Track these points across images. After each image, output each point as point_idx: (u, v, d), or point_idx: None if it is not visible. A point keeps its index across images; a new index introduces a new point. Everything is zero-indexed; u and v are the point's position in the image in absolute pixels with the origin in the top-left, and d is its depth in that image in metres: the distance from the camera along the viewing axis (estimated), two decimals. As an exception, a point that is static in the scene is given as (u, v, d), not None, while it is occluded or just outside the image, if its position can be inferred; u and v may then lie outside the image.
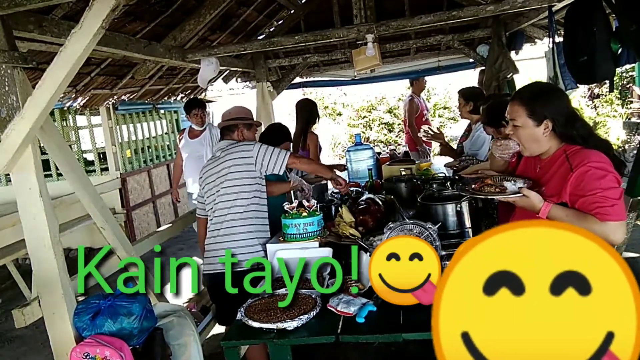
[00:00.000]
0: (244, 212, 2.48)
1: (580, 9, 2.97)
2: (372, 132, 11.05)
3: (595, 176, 1.58)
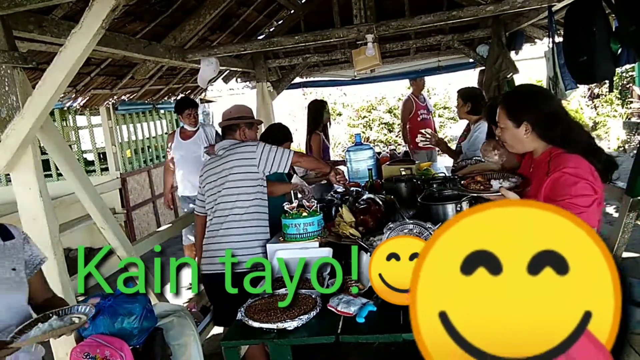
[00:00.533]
0: (244, 214, 2.48)
1: (580, 9, 2.97)
2: (372, 132, 11.06)
3: (567, 182, 1.60)
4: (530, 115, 1.73)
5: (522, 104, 1.77)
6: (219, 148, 2.66)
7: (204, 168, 2.68)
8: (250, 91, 6.16)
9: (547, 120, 1.71)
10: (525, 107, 1.75)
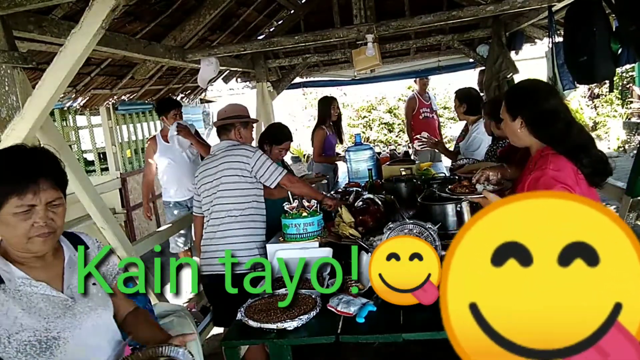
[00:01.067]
0: (240, 216, 2.49)
1: (580, 9, 2.97)
2: (372, 132, 11.06)
3: (545, 183, 1.60)
4: (525, 111, 1.74)
5: (520, 99, 1.79)
6: (217, 149, 2.66)
7: (199, 169, 2.68)
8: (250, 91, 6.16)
9: (542, 117, 1.72)
10: (521, 102, 1.77)
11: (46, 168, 1.22)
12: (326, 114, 4.59)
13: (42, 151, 1.27)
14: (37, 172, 1.19)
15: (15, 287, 1.19)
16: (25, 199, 1.15)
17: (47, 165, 1.24)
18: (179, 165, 3.98)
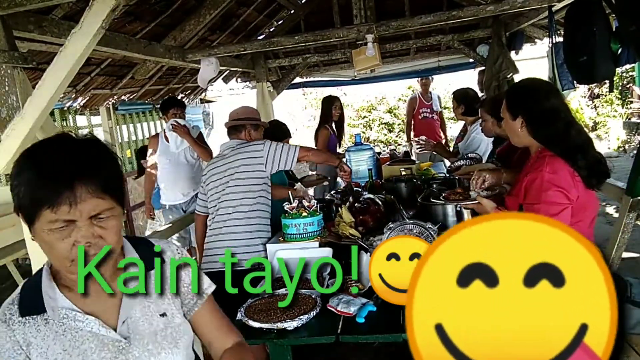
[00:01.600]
0: (248, 212, 2.49)
1: (580, 9, 2.97)
2: (372, 132, 11.06)
3: (542, 187, 1.61)
4: (526, 110, 1.73)
5: (520, 98, 1.78)
6: (226, 147, 2.66)
7: (208, 167, 2.69)
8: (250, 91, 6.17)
9: (542, 117, 1.71)
10: (522, 101, 1.76)
11: (87, 168, 0.88)
12: (328, 113, 4.64)
13: (86, 143, 0.92)
14: (72, 174, 0.85)
15: (59, 319, 0.93)
16: (59, 212, 0.84)
17: (89, 164, 0.89)
18: (174, 167, 3.87)
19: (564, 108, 1.73)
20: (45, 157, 0.88)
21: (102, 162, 0.92)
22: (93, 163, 0.90)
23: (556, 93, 1.78)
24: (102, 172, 0.90)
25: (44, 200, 0.84)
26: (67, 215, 0.85)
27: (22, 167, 0.87)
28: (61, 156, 0.87)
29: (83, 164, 0.88)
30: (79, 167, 0.87)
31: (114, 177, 0.92)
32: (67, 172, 0.85)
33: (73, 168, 0.86)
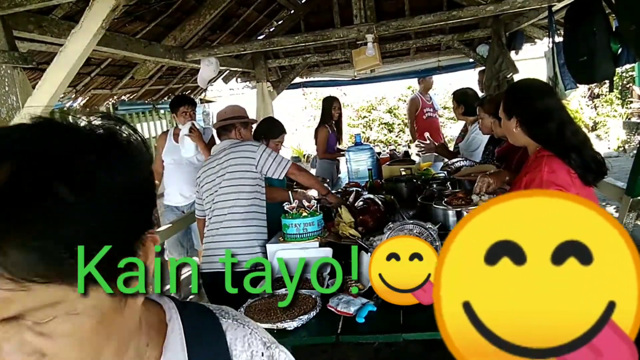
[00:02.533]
0: (244, 213, 2.48)
1: (580, 9, 2.97)
2: (372, 132, 11.06)
3: (540, 186, 1.62)
4: (520, 110, 1.76)
5: (515, 98, 1.81)
6: (218, 149, 2.66)
7: (201, 169, 2.68)
8: (250, 91, 6.17)
9: (535, 117, 1.73)
10: (517, 102, 1.79)
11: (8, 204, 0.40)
12: (328, 113, 4.77)
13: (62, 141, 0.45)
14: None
15: None
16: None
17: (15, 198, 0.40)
18: (179, 168, 3.81)
19: (558, 108, 1.75)
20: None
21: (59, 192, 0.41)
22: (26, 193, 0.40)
23: (551, 93, 1.80)
24: (42, 220, 0.40)
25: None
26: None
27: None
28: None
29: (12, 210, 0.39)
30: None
31: (89, 228, 0.43)
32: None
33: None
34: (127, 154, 0.48)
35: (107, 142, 0.47)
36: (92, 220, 0.43)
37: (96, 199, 0.43)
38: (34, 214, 0.40)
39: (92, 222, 0.43)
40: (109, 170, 0.45)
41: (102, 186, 0.44)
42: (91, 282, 0.43)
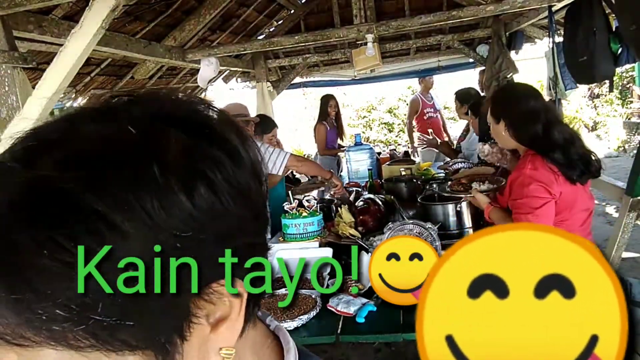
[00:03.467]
0: None
1: (580, 9, 2.97)
2: (372, 132, 11.06)
3: (523, 183, 1.68)
4: (507, 114, 1.80)
5: (501, 102, 1.87)
6: None
7: None
8: (250, 91, 6.17)
9: (521, 119, 1.77)
10: (503, 105, 1.84)
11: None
12: (324, 110, 4.91)
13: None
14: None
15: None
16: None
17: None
18: None
19: (544, 109, 1.79)
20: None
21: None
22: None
23: (536, 96, 1.84)
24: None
25: None
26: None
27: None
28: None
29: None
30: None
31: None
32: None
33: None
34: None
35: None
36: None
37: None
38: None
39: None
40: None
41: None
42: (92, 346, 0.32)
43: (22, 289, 0.30)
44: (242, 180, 0.37)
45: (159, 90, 0.42)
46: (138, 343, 0.33)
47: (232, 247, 0.38)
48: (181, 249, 0.34)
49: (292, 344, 0.50)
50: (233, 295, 0.39)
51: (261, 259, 0.40)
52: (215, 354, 0.38)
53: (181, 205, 0.33)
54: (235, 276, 0.38)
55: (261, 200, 0.41)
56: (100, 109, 0.37)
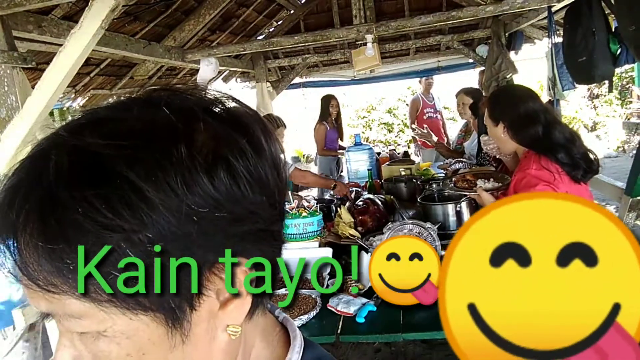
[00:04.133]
0: None
1: (579, 9, 2.97)
2: (372, 132, 11.06)
3: (529, 183, 1.67)
4: (506, 116, 1.79)
5: (500, 105, 1.85)
6: None
7: None
8: (250, 91, 6.17)
9: (521, 121, 1.76)
10: (501, 108, 1.83)
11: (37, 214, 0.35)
12: (325, 111, 4.88)
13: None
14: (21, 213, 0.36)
15: None
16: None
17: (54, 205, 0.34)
18: None
19: (543, 110, 1.78)
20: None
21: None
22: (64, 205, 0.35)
23: (534, 97, 1.84)
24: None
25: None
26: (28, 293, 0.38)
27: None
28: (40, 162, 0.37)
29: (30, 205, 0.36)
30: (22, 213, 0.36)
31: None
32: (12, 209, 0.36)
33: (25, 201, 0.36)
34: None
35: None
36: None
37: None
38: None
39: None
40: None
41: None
42: (118, 304, 0.37)
43: (57, 240, 0.34)
44: (261, 170, 0.41)
45: (197, 84, 0.51)
46: (151, 305, 0.37)
47: (246, 229, 0.41)
48: (198, 223, 0.37)
49: (298, 333, 0.56)
50: (242, 272, 0.43)
51: (262, 259, 0.43)
52: (222, 330, 0.42)
53: (202, 184, 0.37)
54: (246, 256, 0.42)
55: (278, 190, 0.43)
56: (144, 98, 0.42)
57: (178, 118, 0.38)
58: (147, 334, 0.38)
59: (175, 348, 0.39)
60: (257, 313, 0.47)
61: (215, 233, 0.39)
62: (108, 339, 0.37)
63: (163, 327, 0.38)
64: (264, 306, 0.50)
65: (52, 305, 0.37)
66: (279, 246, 0.46)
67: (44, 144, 0.40)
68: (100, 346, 0.38)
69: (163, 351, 0.39)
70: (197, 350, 0.40)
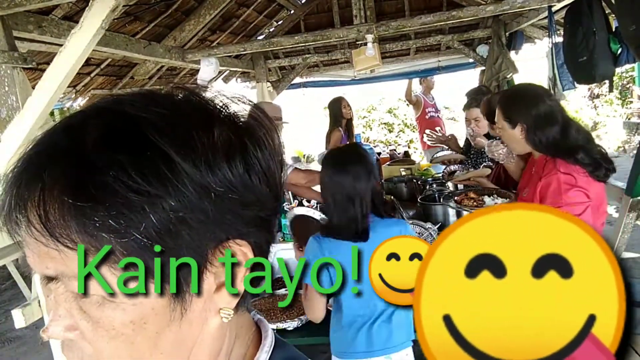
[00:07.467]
0: None
1: (580, 9, 2.97)
2: (372, 132, 11.06)
3: (560, 189, 1.58)
4: (526, 117, 1.71)
5: (517, 105, 1.75)
6: None
7: None
8: (250, 91, 6.18)
9: (540, 121, 1.69)
10: (520, 108, 1.73)
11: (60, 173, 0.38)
12: (338, 114, 4.48)
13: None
14: (35, 170, 0.39)
15: None
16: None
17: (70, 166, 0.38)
18: None
19: (560, 109, 1.72)
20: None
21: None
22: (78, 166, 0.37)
23: (549, 95, 1.76)
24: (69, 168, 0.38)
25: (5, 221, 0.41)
26: (32, 262, 0.41)
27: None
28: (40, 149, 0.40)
29: (53, 163, 0.38)
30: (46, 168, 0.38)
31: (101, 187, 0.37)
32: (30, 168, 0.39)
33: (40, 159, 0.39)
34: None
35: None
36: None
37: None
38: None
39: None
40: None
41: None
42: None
43: (86, 198, 0.36)
44: (271, 164, 0.45)
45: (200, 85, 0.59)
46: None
47: (252, 215, 0.44)
48: (214, 200, 0.41)
49: (270, 333, 0.56)
50: (242, 254, 0.47)
51: (262, 259, 0.48)
52: (215, 313, 0.45)
53: (222, 167, 0.41)
54: (246, 238, 0.46)
55: (280, 186, 0.48)
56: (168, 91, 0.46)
57: (207, 104, 0.44)
58: (152, 302, 0.40)
59: (173, 322, 0.41)
60: (241, 309, 0.49)
61: (227, 212, 0.42)
62: (114, 304, 0.40)
63: (167, 297, 0.41)
64: (247, 304, 0.52)
65: (61, 266, 0.39)
66: (271, 239, 0.50)
67: (77, 114, 0.42)
68: (105, 312, 0.40)
69: (163, 323, 0.41)
70: (191, 329, 0.43)
